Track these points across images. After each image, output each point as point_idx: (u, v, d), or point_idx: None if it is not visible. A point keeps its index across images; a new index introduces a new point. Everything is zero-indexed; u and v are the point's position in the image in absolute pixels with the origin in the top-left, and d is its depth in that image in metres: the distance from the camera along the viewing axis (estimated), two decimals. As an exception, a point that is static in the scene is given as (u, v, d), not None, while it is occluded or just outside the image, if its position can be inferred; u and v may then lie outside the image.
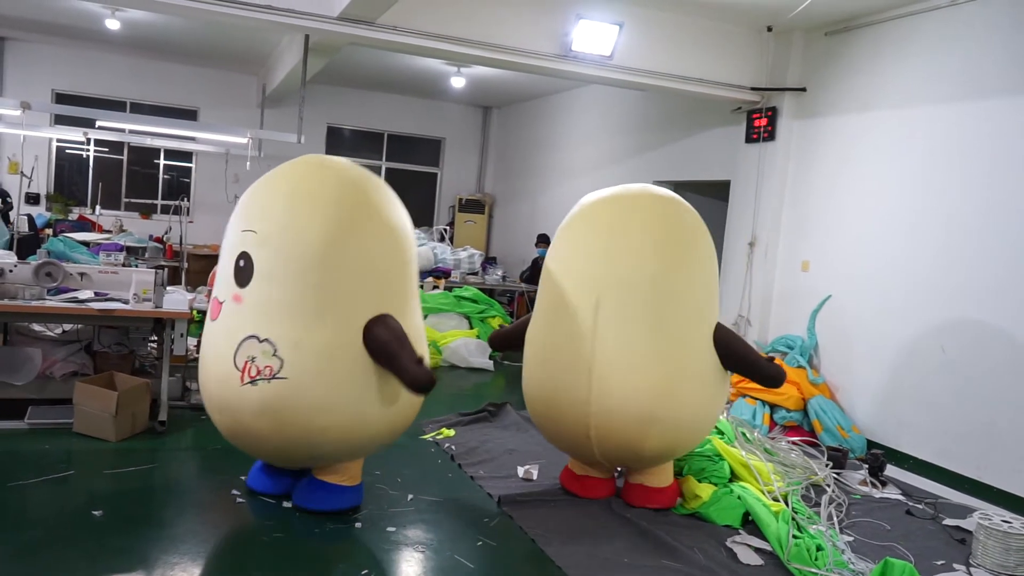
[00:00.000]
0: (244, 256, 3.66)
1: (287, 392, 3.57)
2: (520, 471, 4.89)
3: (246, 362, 3.58)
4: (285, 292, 3.60)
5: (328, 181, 3.77)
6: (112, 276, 5.14)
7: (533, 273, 10.74)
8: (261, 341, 3.57)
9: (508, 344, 4.97)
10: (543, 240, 10.48)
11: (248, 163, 9.22)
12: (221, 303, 3.78)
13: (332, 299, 3.63)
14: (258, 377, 3.56)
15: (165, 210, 12.40)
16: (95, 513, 3.76)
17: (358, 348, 3.64)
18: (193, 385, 5.72)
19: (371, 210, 3.76)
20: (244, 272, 3.65)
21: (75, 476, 4.27)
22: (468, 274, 10.57)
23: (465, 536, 3.94)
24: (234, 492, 4.16)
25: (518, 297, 10.95)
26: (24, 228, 9.14)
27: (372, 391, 3.73)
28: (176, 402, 5.54)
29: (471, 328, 8.75)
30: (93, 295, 5.18)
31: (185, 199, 7.39)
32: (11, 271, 4.87)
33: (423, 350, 3.93)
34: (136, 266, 6.55)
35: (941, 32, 5.92)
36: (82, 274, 5.07)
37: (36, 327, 5.50)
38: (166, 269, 5.60)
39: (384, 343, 3.64)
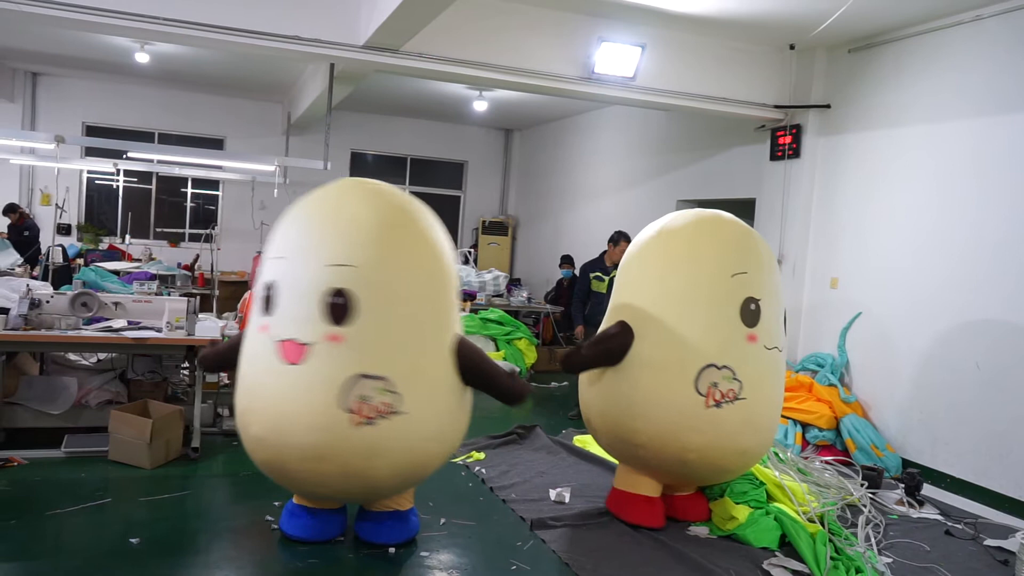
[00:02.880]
0: (341, 293, 3.42)
1: (408, 427, 3.50)
2: (552, 494, 4.87)
3: (358, 403, 3.41)
4: (393, 326, 3.52)
5: (396, 207, 3.71)
6: (145, 305, 5.21)
7: (558, 294, 10.74)
8: (374, 379, 3.43)
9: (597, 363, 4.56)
10: (567, 261, 10.48)
11: (276, 190, 9.34)
12: (304, 345, 3.44)
13: (427, 327, 3.64)
14: (376, 416, 3.43)
15: (193, 238, 12.57)
16: (132, 541, 3.80)
17: (451, 371, 3.68)
18: (224, 412, 5.77)
19: (431, 235, 3.76)
20: (342, 309, 3.42)
21: (111, 504, 4.31)
22: (493, 296, 10.58)
23: (498, 560, 3.92)
24: (268, 518, 4.18)
25: (544, 318, 10.94)
26: (58, 259, 9.28)
27: (462, 412, 3.83)
28: (208, 428, 5.58)
29: (497, 350, 8.75)
30: (127, 324, 5.26)
31: (214, 227, 7.46)
32: (48, 302, 4.96)
33: None
34: (168, 294, 6.65)
35: (966, 47, 5.89)
36: (116, 303, 5.16)
37: (72, 356, 5.58)
38: (197, 297, 5.66)
39: (479, 363, 3.75)
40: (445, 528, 4.26)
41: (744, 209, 8.10)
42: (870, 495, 5.17)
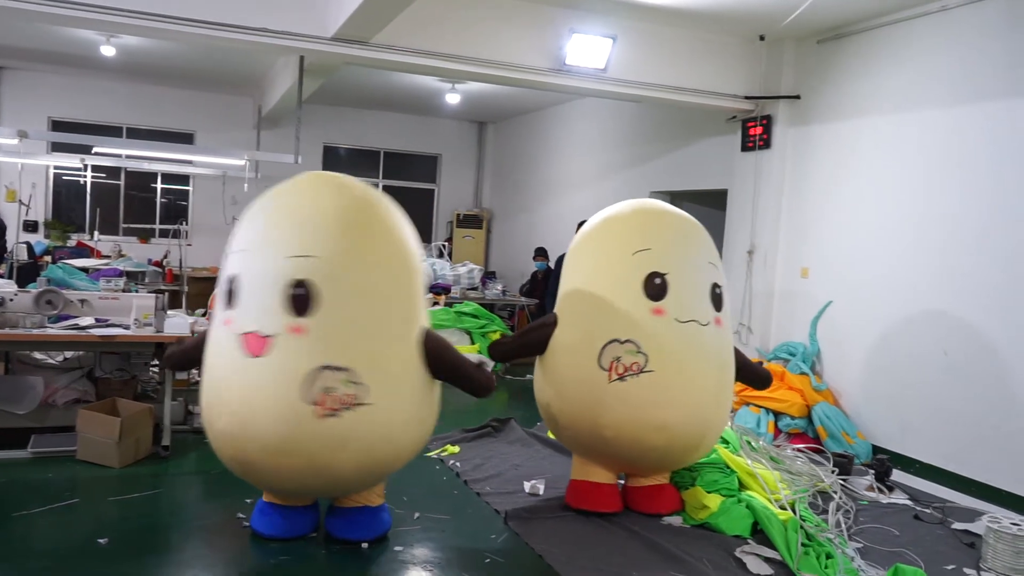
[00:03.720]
0: (302, 284, 3.40)
1: (374, 418, 3.47)
2: (527, 486, 4.87)
3: (322, 395, 3.37)
4: (357, 317, 3.49)
5: (359, 199, 3.69)
6: (112, 302, 5.14)
7: (533, 287, 10.75)
8: (338, 370, 3.39)
9: (519, 354, 4.85)
10: (541, 254, 10.50)
11: (246, 185, 9.24)
12: (266, 337, 3.41)
13: (391, 318, 3.61)
14: (341, 408, 3.39)
15: (163, 234, 12.41)
16: (101, 541, 3.74)
17: (418, 363, 3.66)
18: (196, 409, 5.70)
19: (396, 227, 3.74)
20: (304, 300, 3.39)
21: (80, 504, 4.25)
22: (468, 289, 10.58)
23: (473, 554, 3.92)
24: (239, 515, 4.14)
25: (519, 311, 10.95)
26: (24, 256, 9.14)
27: (430, 406, 3.81)
28: (179, 426, 5.53)
29: (472, 343, 8.74)
30: (94, 321, 5.19)
31: (184, 223, 7.37)
32: (12, 300, 4.87)
33: None
34: (136, 291, 6.55)
35: (934, 36, 5.95)
36: (82, 301, 5.08)
37: (37, 355, 5.49)
38: (166, 293, 5.59)
39: (444, 355, 3.75)
40: (419, 522, 4.25)
41: (717, 199, 8.16)
42: (841, 482, 5.23)
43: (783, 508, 4.51)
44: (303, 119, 8.11)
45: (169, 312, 5.38)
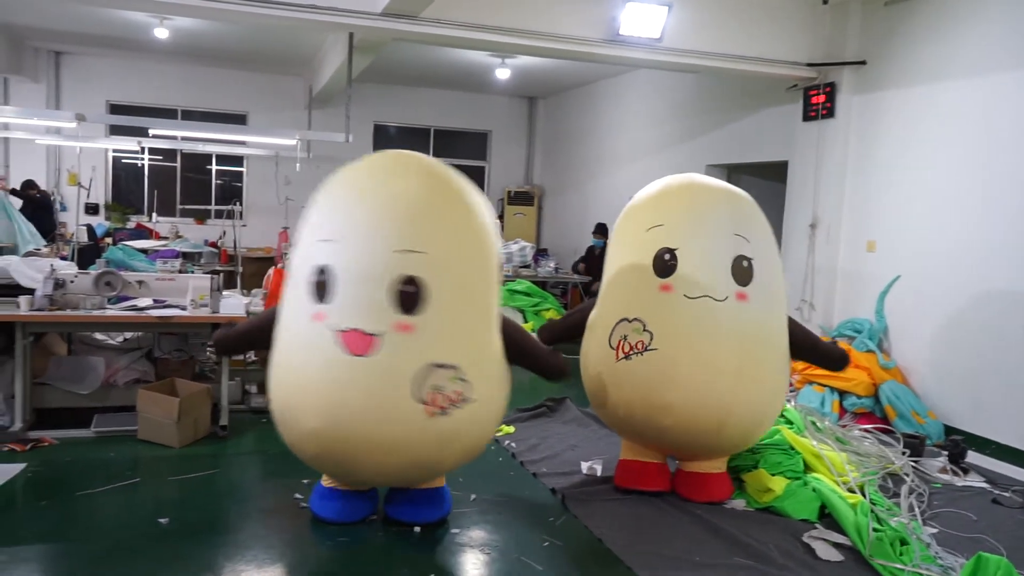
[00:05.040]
0: (412, 281, 3.29)
1: (478, 413, 3.47)
2: (584, 467, 4.78)
3: (431, 393, 3.31)
4: (460, 312, 3.45)
5: (451, 185, 3.56)
6: (169, 283, 5.17)
7: (590, 263, 10.56)
8: (446, 368, 3.34)
9: (564, 337, 4.79)
10: (600, 230, 10.26)
11: (297, 165, 9.26)
12: (372, 336, 3.26)
13: (487, 310, 3.59)
14: (450, 405, 3.35)
15: (219, 215, 12.58)
16: (161, 521, 3.77)
17: (501, 352, 3.65)
18: (252, 388, 5.74)
19: (483, 213, 3.63)
20: (413, 298, 3.29)
21: (140, 484, 4.30)
22: (520, 267, 10.48)
23: (531, 536, 3.85)
24: (297, 496, 4.14)
25: (572, 288, 10.82)
26: (84, 238, 9.33)
27: (507, 391, 3.76)
28: (236, 406, 5.56)
29: (525, 322, 8.67)
30: (152, 302, 5.23)
31: (237, 203, 7.41)
32: (72, 281, 4.93)
33: None
34: (193, 271, 6.61)
35: (1011, -6, 5.61)
36: (140, 282, 5.11)
37: (99, 336, 5.57)
38: (221, 274, 5.61)
39: (522, 341, 3.78)
40: (476, 504, 4.19)
41: (776, 172, 7.90)
42: (912, 463, 5.02)
43: (851, 491, 4.34)
44: (353, 98, 8.06)
45: (224, 292, 5.39)
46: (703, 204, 4.20)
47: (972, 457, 5.33)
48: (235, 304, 5.25)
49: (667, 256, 4.04)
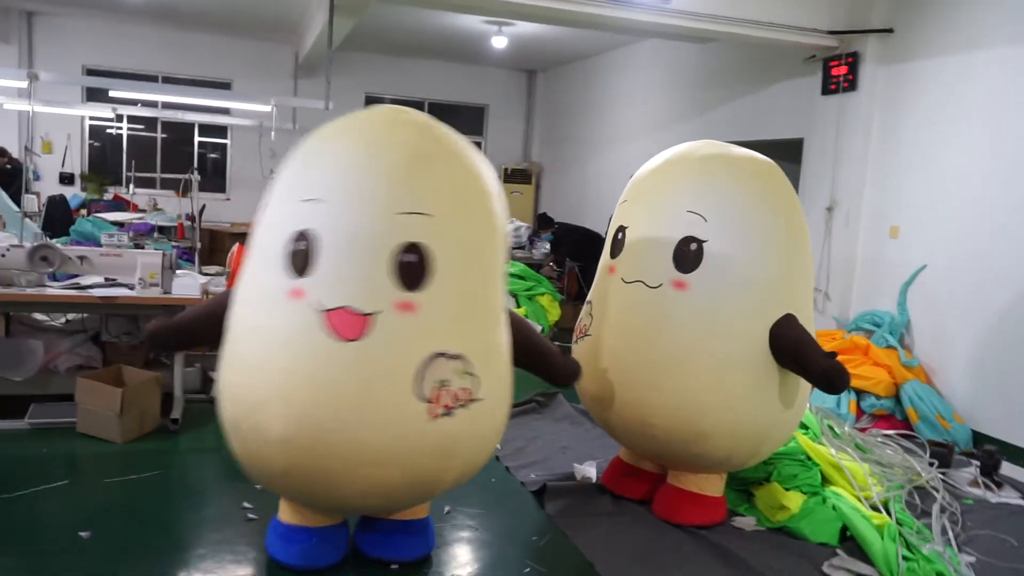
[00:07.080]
0: (415, 248, 2.68)
1: (484, 416, 2.85)
2: (576, 472, 4.27)
3: (436, 389, 2.70)
4: (467, 291, 2.83)
5: (452, 143, 2.93)
6: (116, 259, 4.63)
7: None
8: (452, 358, 2.72)
9: None
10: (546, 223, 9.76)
11: (273, 134, 8.72)
12: (364, 315, 2.63)
13: (496, 294, 2.98)
14: (456, 405, 2.73)
15: (202, 188, 11.98)
16: (82, 535, 3.25)
17: (509, 346, 3.05)
18: (216, 375, 5.21)
19: (489, 179, 3.01)
20: (417, 270, 2.68)
21: (70, 486, 3.77)
22: (515, 249, 9.95)
23: (510, 561, 3.34)
24: (245, 505, 3.62)
25: (569, 272, 10.27)
26: (33, 208, 8.69)
27: (512, 395, 3.17)
28: (195, 395, 5.05)
29: (518, 307, 8.13)
30: (103, 280, 4.71)
31: (193, 171, 6.87)
32: (3, 256, 4.39)
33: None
34: (172, 248, 6.04)
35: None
36: (82, 258, 4.56)
37: (39, 316, 5.04)
38: (175, 250, 5.08)
39: (533, 340, 3.28)
40: (450, 519, 3.68)
41: (791, 150, 7.34)
42: (940, 475, 4.51)
43: (874, 508, 3.84)
44: (346, 68, 7.51)
45: (179, 272, 4.86)
46: (669, 175, 3.71)
47: (1006, 468, 4.81)
48: (190, 284, 4.73)
49: (619, 235, 3.75)
